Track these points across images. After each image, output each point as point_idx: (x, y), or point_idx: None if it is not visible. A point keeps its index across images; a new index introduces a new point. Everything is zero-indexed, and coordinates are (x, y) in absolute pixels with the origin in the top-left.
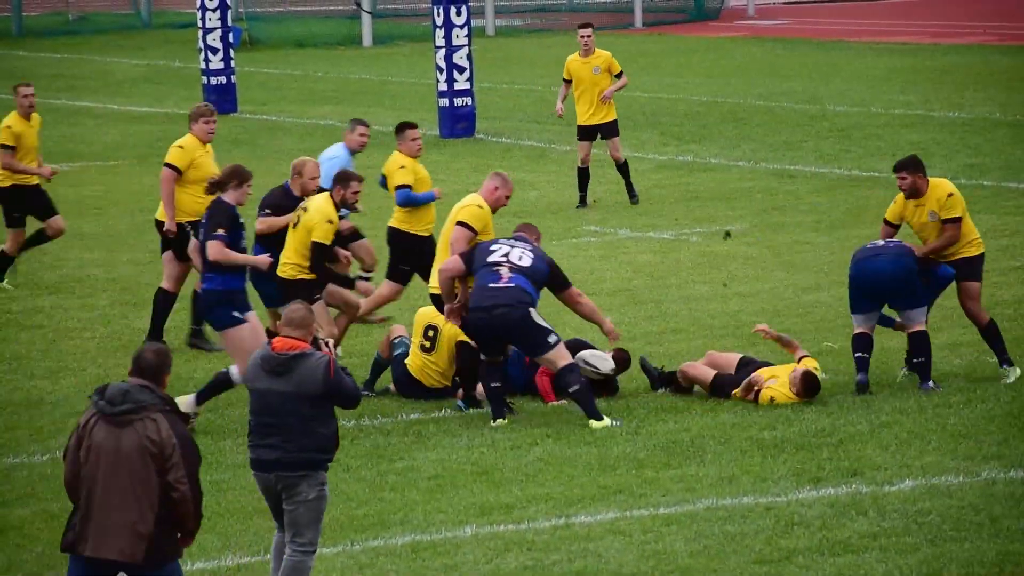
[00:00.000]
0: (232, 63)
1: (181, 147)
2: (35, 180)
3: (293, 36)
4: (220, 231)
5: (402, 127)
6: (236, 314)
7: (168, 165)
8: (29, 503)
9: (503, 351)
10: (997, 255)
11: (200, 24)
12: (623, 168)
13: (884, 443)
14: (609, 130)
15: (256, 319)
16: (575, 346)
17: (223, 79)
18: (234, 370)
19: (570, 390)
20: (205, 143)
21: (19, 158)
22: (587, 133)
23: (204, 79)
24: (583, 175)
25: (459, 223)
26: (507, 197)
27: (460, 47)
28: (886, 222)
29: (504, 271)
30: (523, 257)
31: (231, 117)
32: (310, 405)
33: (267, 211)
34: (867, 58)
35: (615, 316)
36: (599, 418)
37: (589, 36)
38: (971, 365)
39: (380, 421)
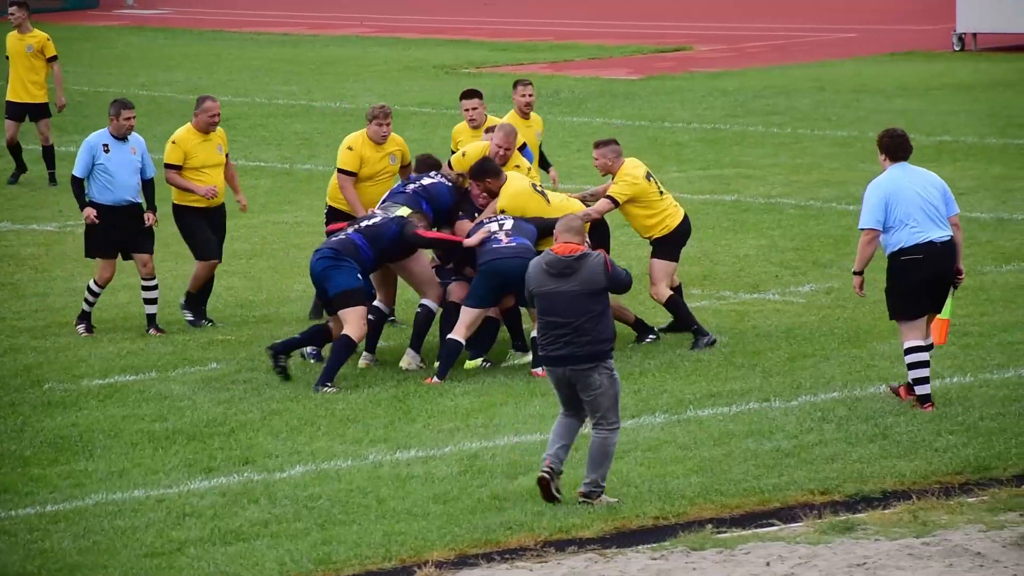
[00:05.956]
0: None
1: (350, 148)
2: None
3: None
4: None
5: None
6: None
7: (340, 170)
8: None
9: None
10: None
11: None
12: (48, 152)
13: (275, 430)
14: (38, 112)
15: None
16: None
17: None
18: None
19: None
20: (377, 143)
21: None
22: (15, 111)
23: None
24: (14, 151)
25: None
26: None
27: None
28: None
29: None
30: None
31: None
32: (594, 300)
33: None
34: (248, 48)
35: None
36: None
37: (14, 15)
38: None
39: None
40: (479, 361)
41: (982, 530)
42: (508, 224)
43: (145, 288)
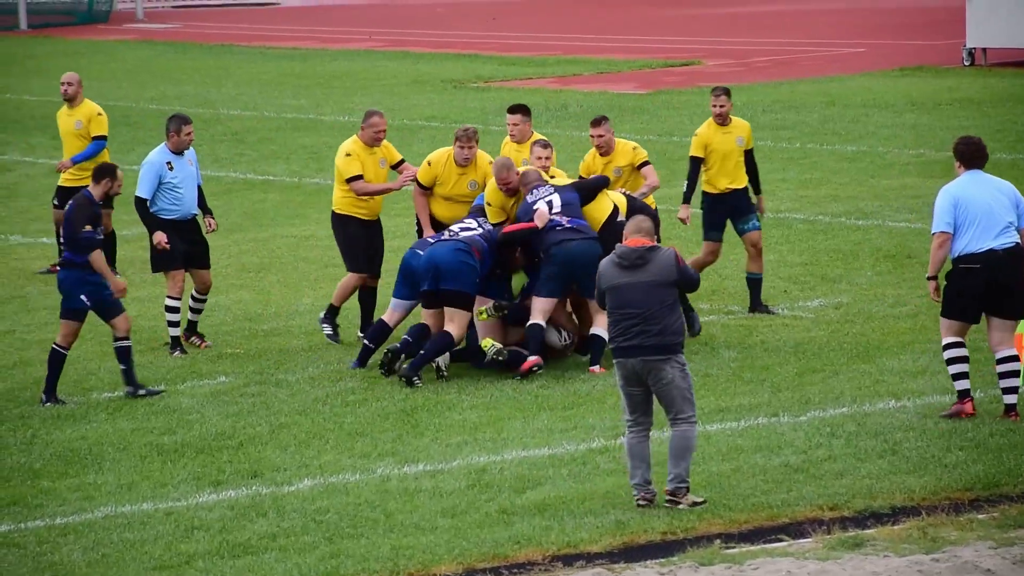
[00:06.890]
0: None
1: (429, 163)
2: None
3: None
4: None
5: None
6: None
7: (417, 182)
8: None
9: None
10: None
11: None
12: None
13: (283, 444)
14: None
15: None
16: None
17: None
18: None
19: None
20: (459, 165)
21: None
22: None
23: None
24: None
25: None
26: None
27: None
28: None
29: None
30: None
31: None
32: (665, 292)
33: None
34: (257, 63)
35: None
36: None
37: None
38: (370, 364)
39: None
40: (497, 344)
41: (992, 547)
42: (557, 202)
43: (197, 300)
